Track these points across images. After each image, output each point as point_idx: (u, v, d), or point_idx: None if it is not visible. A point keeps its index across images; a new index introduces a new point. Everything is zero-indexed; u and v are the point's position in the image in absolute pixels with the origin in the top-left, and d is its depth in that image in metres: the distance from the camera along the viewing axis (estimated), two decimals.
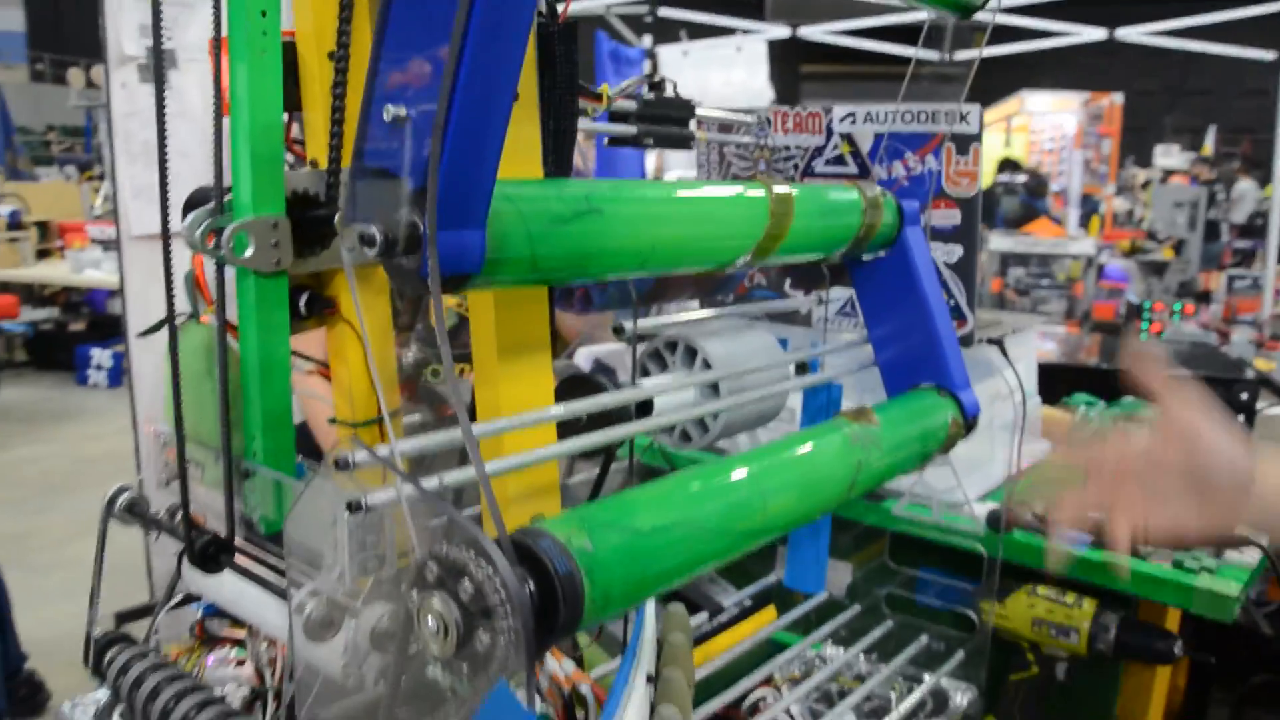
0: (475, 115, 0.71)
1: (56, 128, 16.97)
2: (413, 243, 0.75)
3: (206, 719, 1.07)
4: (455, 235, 0.74)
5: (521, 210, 0.82)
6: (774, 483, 0.96)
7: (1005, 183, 7.45)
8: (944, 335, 1.32)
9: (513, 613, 0.66)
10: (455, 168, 0.71)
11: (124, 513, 1.21)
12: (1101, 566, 1.47)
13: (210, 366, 1.08)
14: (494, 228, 0.79)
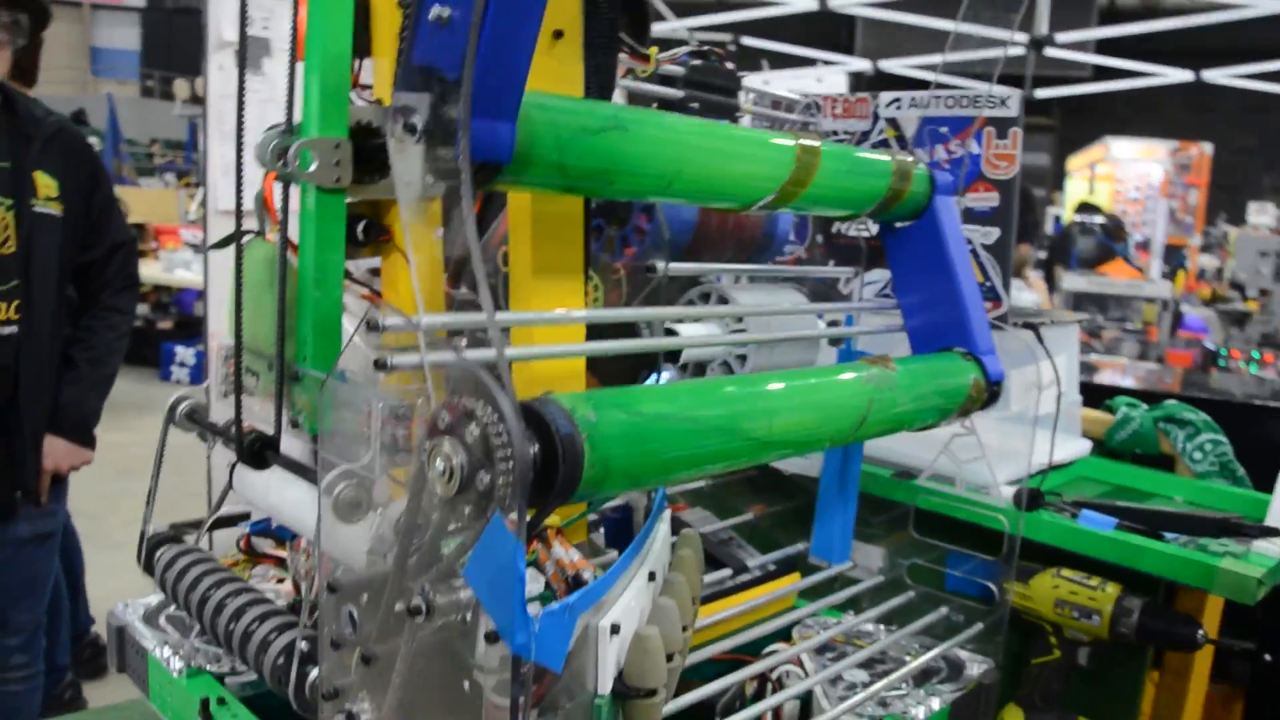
0: (509, 15, 0.79)
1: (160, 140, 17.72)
2: (449, 133, 0.83)
3: (240, 603, 1.15)
4: (487, 124, 0.81)
5: (553, 117, 0.90)
6: (782, 400, 1.01)
7: (1082, 223, 7.36)
8: (970, 303, 1.35)
9: (513, 454, 0.72)
10: (489, 62, 0.79)
11: (184, 419, 1.30)
12: (1127, 547, 1.47)
13: (271, 279, 1.17)
14: (525, 129, 0.86)
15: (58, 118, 2.31)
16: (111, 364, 2.48)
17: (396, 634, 0.86)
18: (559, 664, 0.76)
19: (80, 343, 2.41)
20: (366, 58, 1.27)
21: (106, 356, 2.46)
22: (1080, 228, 7.26)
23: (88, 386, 2.41)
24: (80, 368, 2.39)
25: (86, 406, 2.40)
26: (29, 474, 2.29)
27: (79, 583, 3.66)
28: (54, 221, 2.22)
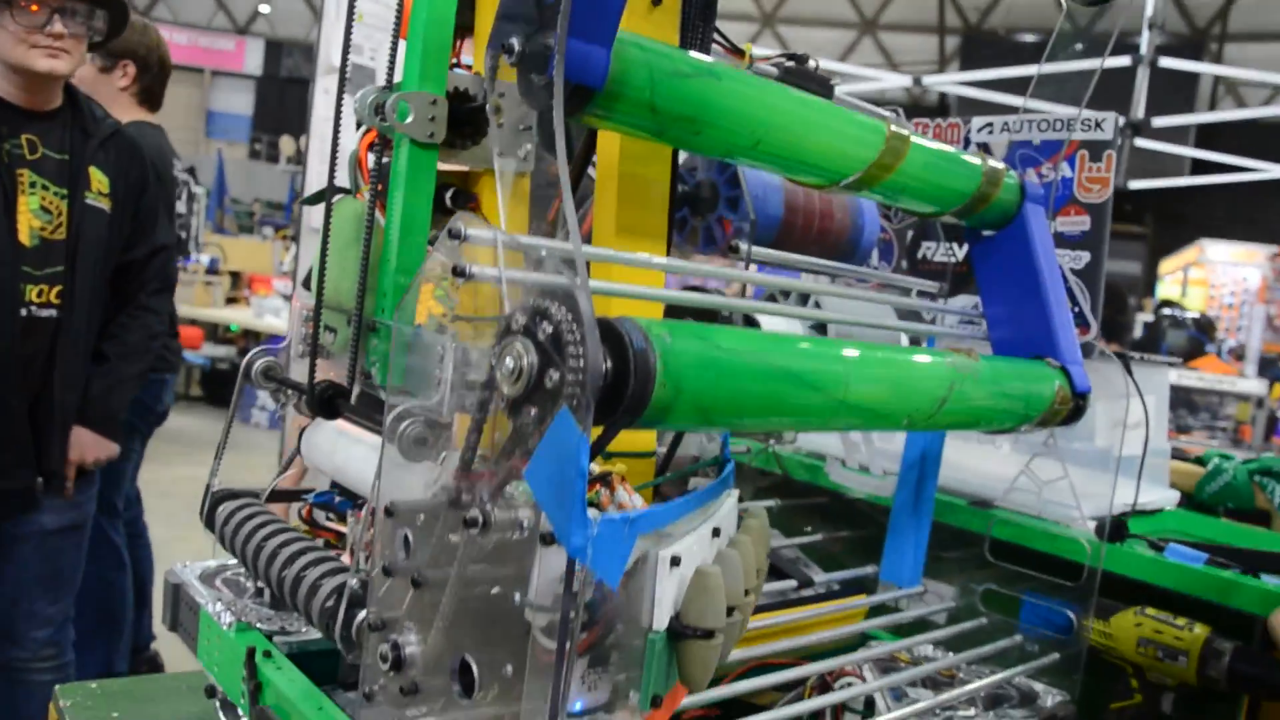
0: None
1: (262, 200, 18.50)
2: (544, 58, 0.84)
3: (294, 550, 1.14)
4: (581, 45, 0.82)
5: (648, 56, 0.90)
6: (860, 364, 0.98)
7: (1172, 315, 7.17)
8: (1057, 313, 1.31)
9: (585, 353, 0.70)
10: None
11: (259, 376, 1.31)
12: (1218, 581, 1.39)
13: (357, 235, 1.19)
14: (619, 62, 0.87)
15: (114, 122, 2.40)
16: (141, 362, 2.53)
17: (449, 560, 0.84)
18: (615, 579, 0.73)
19: (113, 339, 2.46)
20: (469, 36, 1.31)
21: (137, 355, 2.50)
22: (1170, 320, 7.07)
23: (116, 380, 2.45)
24: (111, 362, 2.44)
25: (114, 400, 2.44)
26: (54, 462, 2.32)
27: (146, 596, 3.70)
28: (103, 216, 2.29)
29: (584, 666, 0.87)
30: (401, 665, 0.87)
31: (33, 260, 2.17)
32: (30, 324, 2.18)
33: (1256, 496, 1.81)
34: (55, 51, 2.13)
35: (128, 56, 3.08)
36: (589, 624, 0.85)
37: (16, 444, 2.24)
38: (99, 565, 3.26)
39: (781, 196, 1.40)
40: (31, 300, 2.18)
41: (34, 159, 2.17)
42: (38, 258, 2.18)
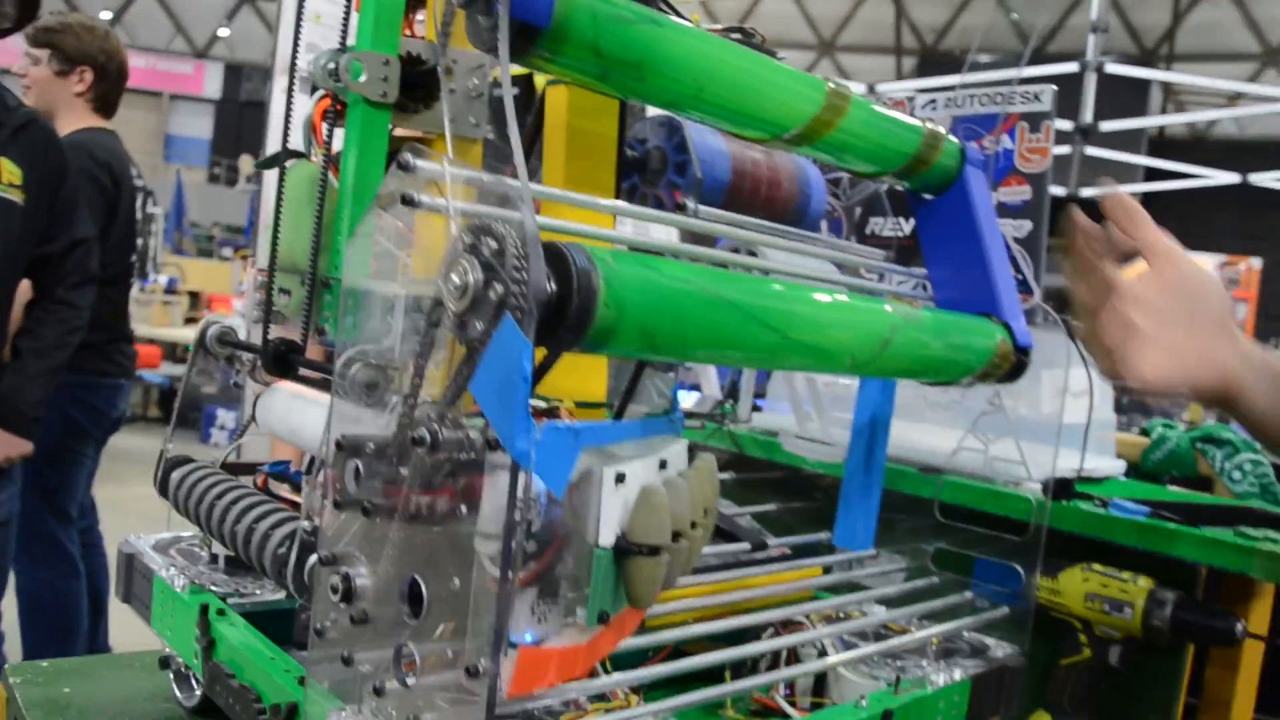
0: None
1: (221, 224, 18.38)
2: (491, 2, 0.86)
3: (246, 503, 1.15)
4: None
5: (592, 3, 0.92)
6: (805, 304, 1.00)
7: None
8: (999, 272, 1.35)
9: (528, 264, 0.72)
10: None
11: (214, 342, 1.32)
12: (1160, 533, 1.43)
13: (311, 197, 1.20)
14: (563, 5, 0.89)
15: (29, 111, 2.35)
16: (57, 356, 2.46)
17: (399, 489, 0.85)
18: (559, 486, 0.75)
19: (28, 333, 2.41)
20: (421, 8, 1.33)
21: (52, 349, 2.44)
22: None
23: (29, 377, 2.39)
24: (25, 358, 2.39)
25: (26, 396, 2.38)
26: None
27: (102, 605, 3.65)
28: (14, 208, 2.24)
29: (533, 597, 0.89)
30: (352, 596, 0.88)
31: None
32: None
33: (1199, 463, 1.86)
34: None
35: (86, 62, 3.07)
36: (536, 554, 0.86)
37: None
38: (53, 573, 3.21)
39: (729, 163, 1.43)
40: None
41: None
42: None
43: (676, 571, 0.89)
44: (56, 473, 3.13)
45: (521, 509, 0.77)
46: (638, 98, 1.05)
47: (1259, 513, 1.47)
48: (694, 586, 1.28)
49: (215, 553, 1.33)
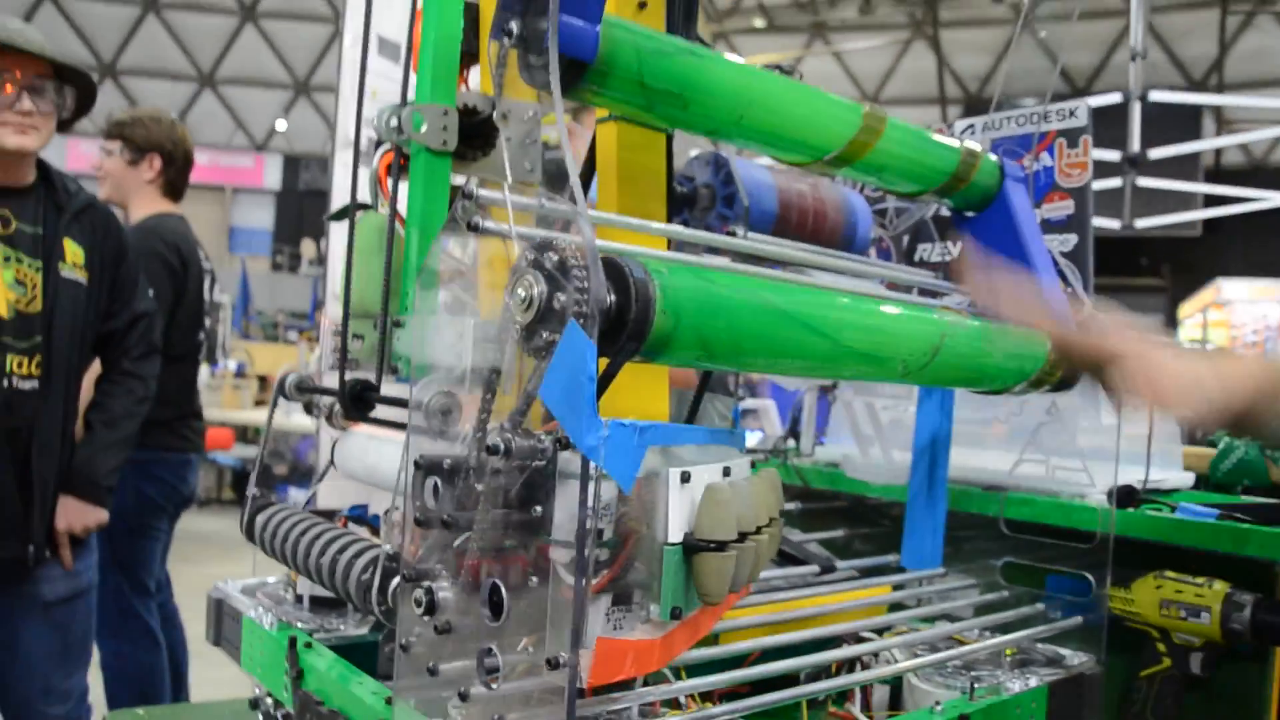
0: None
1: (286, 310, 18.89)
2: (539, 39, 0.92)
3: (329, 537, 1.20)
4: (572, 22, 0.91)
5: (635, 37, 0.99)
6: (852, 308, 1.04)
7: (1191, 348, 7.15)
8: (1046, 282, 1.37)
9: (589, 274, 0.77)
10: None
11: (293, 389, 1.39)
12: (1231, 533, 1.41)
13: (380, 245, 1.27)
14: (608, 41, 0.96)
15: (89, 194, 2.47)
16: (126, 426, 2.54)
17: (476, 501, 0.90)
18: (627, 482, 0.79)
19: (97, 406, 2.50)
20: (474, 63, 1.41)
21: (121, 419, 2.52)
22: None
23: (100, 447, 2.46)
24: (95, 430, 2.47)
25: (98, 466, 2.44)
26: (39, 532, 2.31)
27: (182, 678, 3.72)
28: (79, 287, 2.34)
29: (608, 604, 0.92)
30: (435, 609, 0.92)
31: (12, 332, 2.21)
32: (12, 396, 2.21)
33: (1270, 471, 1.83)
34: (24, 128, 2.19)
35: (154, 150, 3.23)
36: (609, 562, 0.90)
37: (5, 514, 2.24)
38: (134, 646, 3.29)
39: (776, 194, 1.48)
40: (13, 371, 2.21)
41: (8, 234, 2.23)
42: (16, 330, 2.22)
43: (745, 571, 0.92)
44: (132, 547, 3.23)
45: (593, 513, 0.81)
46: (682, 126, 1.10)
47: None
48: (764, 605, 1.30)
49: (300, 593, 1.39)
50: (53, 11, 20.58)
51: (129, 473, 3.00)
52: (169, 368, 3.18)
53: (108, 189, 3.29)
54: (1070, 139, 1.61)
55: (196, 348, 3.37)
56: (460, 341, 1.04)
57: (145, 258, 3.08)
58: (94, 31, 21.19)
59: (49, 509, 2.34)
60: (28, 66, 2.19)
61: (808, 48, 19.28)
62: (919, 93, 19.12)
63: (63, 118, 2.31)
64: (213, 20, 21.68)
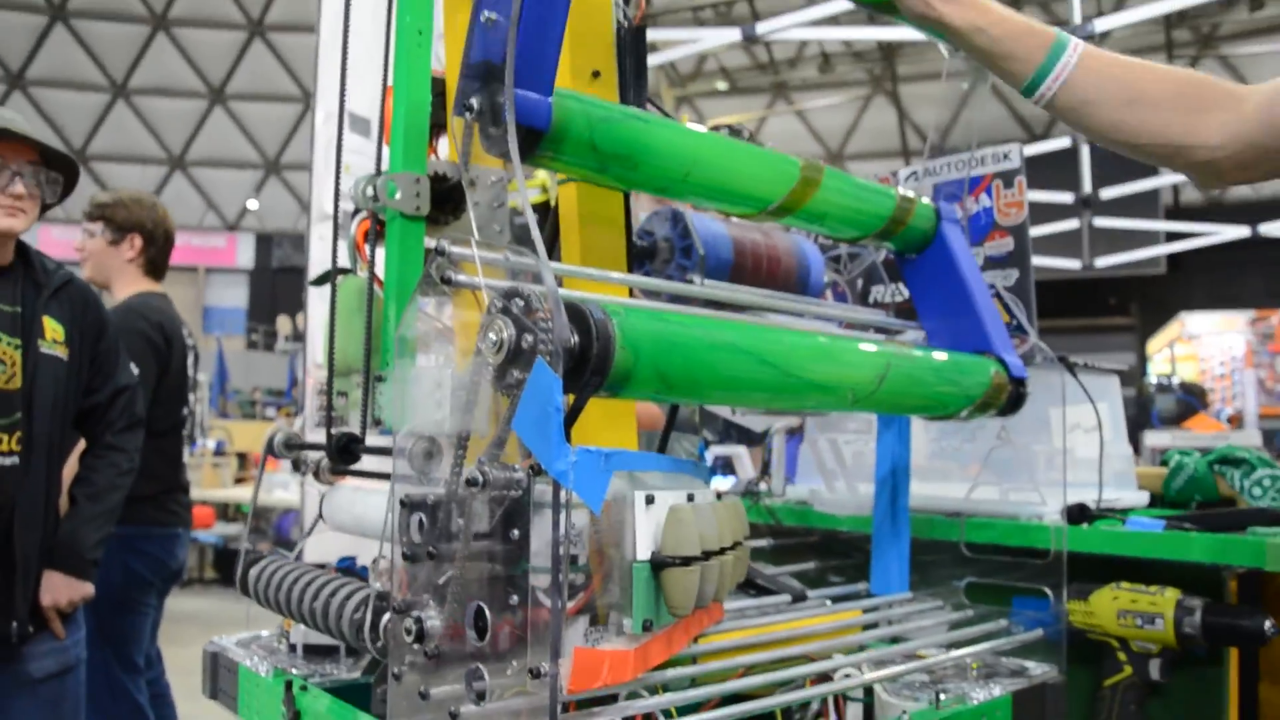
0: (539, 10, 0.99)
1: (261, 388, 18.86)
2: (498, 112, 1.02)
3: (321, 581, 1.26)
4: (526, 95, 1.00)
5: (585, 106, 1.09)
6: (801, 341, 1.12)
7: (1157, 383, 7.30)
8: (986, 313, 1.47)
9: (553, 317, 0.85)
10: (526, 46, 0.99)
11: (280, 446, 1.45)
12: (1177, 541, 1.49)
13: (360, 306, 1.35)
14: (561, 111, 1.05)
15: (67, 271, 2.53)
16: (110, 499, 2.56)
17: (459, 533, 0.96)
18: (596, 503, 0.86)
19: (81, 480, 2.52)
20: (443, 133, 1.50)
21: (105, 492, 2.54)
22: (1157, 387, 7.21)
23: (84, 520, 2.48)
24: (79, 503, 2.49)
25: (82, 539, 2.46)
26: (22, 609, 2.32)
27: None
28: (59, 363, 2.38)
29: (585, 624, 0.99)
30: (424, 637, 0.98)
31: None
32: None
33: (1219, 485, 1.91)
34: (14, 211, 2.26)
35: (135, 230, 3.32)
36: (583, 586, 0.97)
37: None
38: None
39: (730, 244, 1.57)
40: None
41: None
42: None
43: (711, 587, 0.99)
44: (121, 623, 3.24)
45: (566, 538, 0.88)
46: (634, 186, 1.20)
47: (1271, 513, 1.54)
48: (738, 629, 1.36)
49: (293, 642, 1.44)
50: (22, 101, 20.78)
51: (116, 548, 3.01)
52: (154, 443, 3.22)
53: (90, 269, 3.36)
54: (1006, 180, 1.72)
55: (181, 423, 3.42)
56: (438, 390, 1.12)
57: (129, 335, 3.15)
58: (64, 119, 21.39)
59: (32, 585, 2.35)
60: (18, 152, 2.27)
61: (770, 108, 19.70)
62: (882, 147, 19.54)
63: (48, 201, 2.38)
64: (182, 104, 21.94)
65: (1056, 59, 1.19)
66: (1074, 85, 1.19)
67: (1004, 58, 1.20)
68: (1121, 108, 1.18)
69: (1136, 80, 1.19)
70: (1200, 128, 1.16)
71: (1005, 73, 1.22)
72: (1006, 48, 1.19)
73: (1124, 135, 1.19)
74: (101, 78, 21.43)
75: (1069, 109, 1.20)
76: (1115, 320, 16.85)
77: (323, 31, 3.45)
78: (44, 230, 19.11)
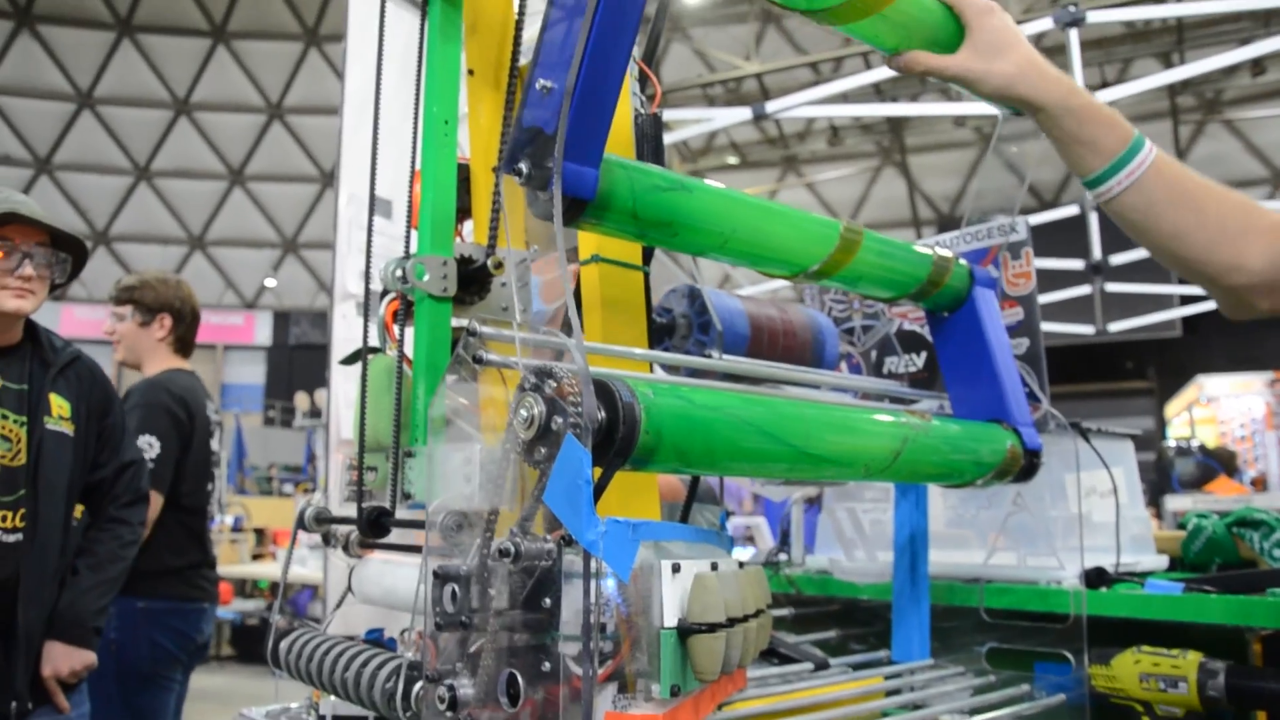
0: (595, 83, 1.04)
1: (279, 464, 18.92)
2: (545, 178, 1.06)
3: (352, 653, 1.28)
4: (575, 167, 1.05)
5: (630, 174, 1.14)
6: (820, 416, 1.16)
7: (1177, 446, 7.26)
8: (1008, 381, 1.50)
9: (583, 399, 0.90)
10: (578, 119, 1.04)
11: (311, 521, 1.49)
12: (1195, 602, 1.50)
13: (389, 384, 1.40)
14: (606, 179, 1.10)
15: (75, 349, 2.59)
16: (113, 569, 2.58)
17: (491, 603, 1.00)
18: (624, 572, 0.89)
19: (84, 552, 2.55)
20: (468, 219, 1.57)
21: (108, 563, 2.56)
22: (1176, 451, 7.17)
23: (84, 589, 2.49)
24: (81, 574, 2.51)
25: (82, 608, 2.47)
26: (23, 684, 2.32)
27: None
28: (65, 439, 2.43)
29: (614, 690, 1.01)
30: (457, 705, 1.01)
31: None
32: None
33: (1239, 548, 1.92)
34: (22, 292, 2.32)
35: (164, 310, 3.40)
36: (612, 653, 0.99)
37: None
38: None
39: (746, 319, 1.62)
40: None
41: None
42: (0, 484, 2.28)
43: (736, 653, 1.01)
44: (147, 699, 3.24)
45: (595, 606, 0.92)
46: (672, 248, 1.24)
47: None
48: (761, 698, 1.38)
49: (323, 714, 1.46)
50: (48, 184, 21.28)
51: (143, 623, 3.04)
52: (180, 518, 3.26)
53: (123, 352, 3.44)
54: (1013, 251, 1.77)
55: (207, 499, 3.46)
56: (468, 465, 1.16)
57: (152, 409, 3.21)
58: (88, 201, 21.87)
59: (33, 661, 2.36)
60: (28, 235, 2.35)
61: (780, 181, 19.98)
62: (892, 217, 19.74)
63: (56, 281, 2.45)
64: (202, 185, 22.42)
65: (1133, 156, 1.19)
66: (1144, 185, 1.19)
67: (1084, 144, 1.19)
68: (1184, 216, 1.18)
69: (1201, 193, 1.20)
70: (1246, 250, 1.17)
71: (1077, 159, 1.21)
72: (1090, 134, 1.19)
73: (1179, 245, 1.19)
74: (125, 160, 21.95)
75: (1132, 208, 1.20)
76: (1133, 384, 16.79)
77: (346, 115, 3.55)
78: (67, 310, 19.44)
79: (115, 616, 2.76)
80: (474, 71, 1.53)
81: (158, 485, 3.12)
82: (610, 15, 1.03)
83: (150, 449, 3.16)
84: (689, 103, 16.15)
